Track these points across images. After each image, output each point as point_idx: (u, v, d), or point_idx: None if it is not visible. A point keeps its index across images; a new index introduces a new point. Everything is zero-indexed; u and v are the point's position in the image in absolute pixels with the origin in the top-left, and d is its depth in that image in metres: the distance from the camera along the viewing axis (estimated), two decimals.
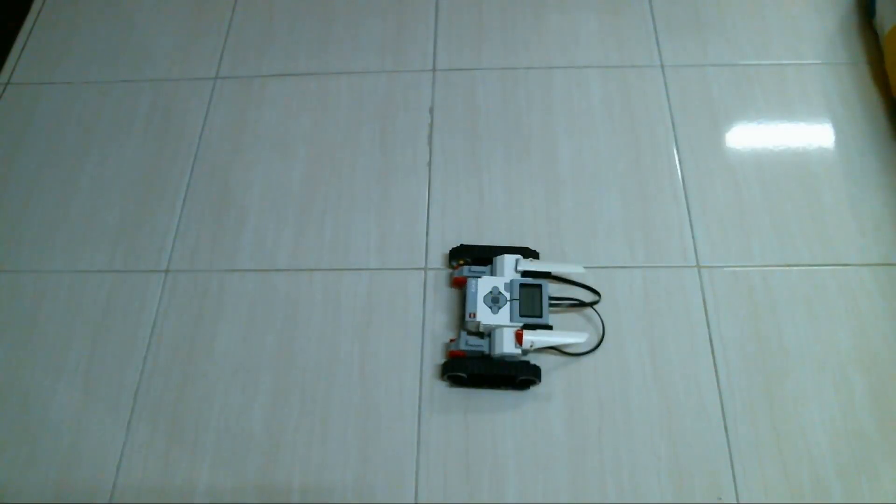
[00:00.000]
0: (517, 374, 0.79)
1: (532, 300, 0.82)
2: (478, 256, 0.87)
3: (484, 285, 0.83)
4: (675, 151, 0.97)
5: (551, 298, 0.84)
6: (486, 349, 0.81)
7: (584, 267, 0.86)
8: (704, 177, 0.95)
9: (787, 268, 0.88)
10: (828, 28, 1.07)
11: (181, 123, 1.04)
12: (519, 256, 0.85)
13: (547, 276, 0.86)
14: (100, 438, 0.82)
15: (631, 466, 0.77)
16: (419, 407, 0.82)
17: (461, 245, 0.88)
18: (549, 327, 0.81)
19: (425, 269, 0.90)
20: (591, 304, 0.86)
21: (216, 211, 0.96)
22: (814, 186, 0.93)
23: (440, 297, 0.88)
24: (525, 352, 0.80)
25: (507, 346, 0.79)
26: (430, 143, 1.00)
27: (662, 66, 1.05)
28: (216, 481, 0.79)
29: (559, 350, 0.83)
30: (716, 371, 0.82)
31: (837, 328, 0.84)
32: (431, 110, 1.03)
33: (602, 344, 0.84)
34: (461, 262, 0.88)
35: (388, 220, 0.94)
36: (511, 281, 0.83)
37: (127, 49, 1.13)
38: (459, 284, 0.87)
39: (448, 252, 0.89)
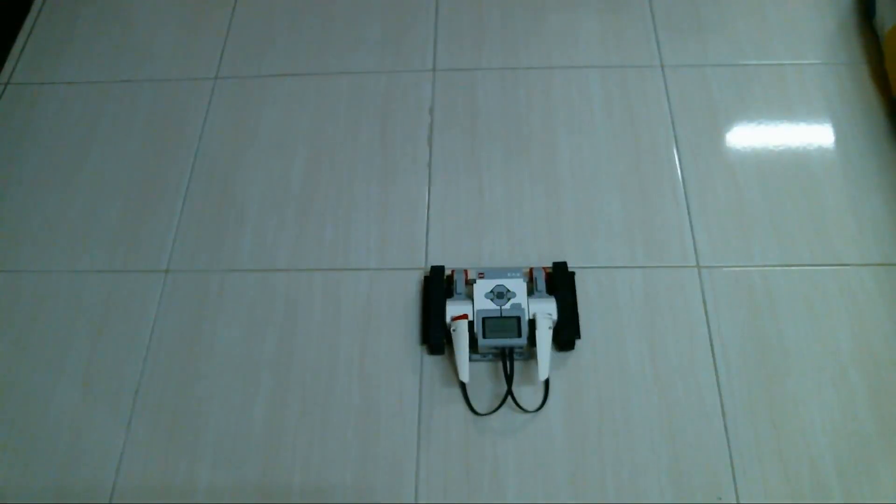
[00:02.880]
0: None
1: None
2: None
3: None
4: (675, 151, 0.97)
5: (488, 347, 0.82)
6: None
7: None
8: (704, 177, 0.95)
9: (787, 268, 0.88)
10: (828, 28, 1.07)
11: (181, 123, 1.04)
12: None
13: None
14: (100, 438, 0.82)
15: (631, 466, 0.77)
16: (419, 407, 0.82)
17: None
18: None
19: (425, 269, 0.90)
20: (509, 391, 0.80)
21: (216, 211, 0.96)
22: (814, 186, 0.93)
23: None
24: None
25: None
26: (430, 143, 1.00)
27: (662, 66, 1.05)
28: (216, 481, 0.79)
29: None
30: (716, 371, 0.82)
31: (837, 328, 0.84)
32: (431, 110, 1.03)
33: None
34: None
35: (388, 220, 0.94)
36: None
37: (127, 49, 1.13)
38: None
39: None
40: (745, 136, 0.98)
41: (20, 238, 0.96)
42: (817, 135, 0.98)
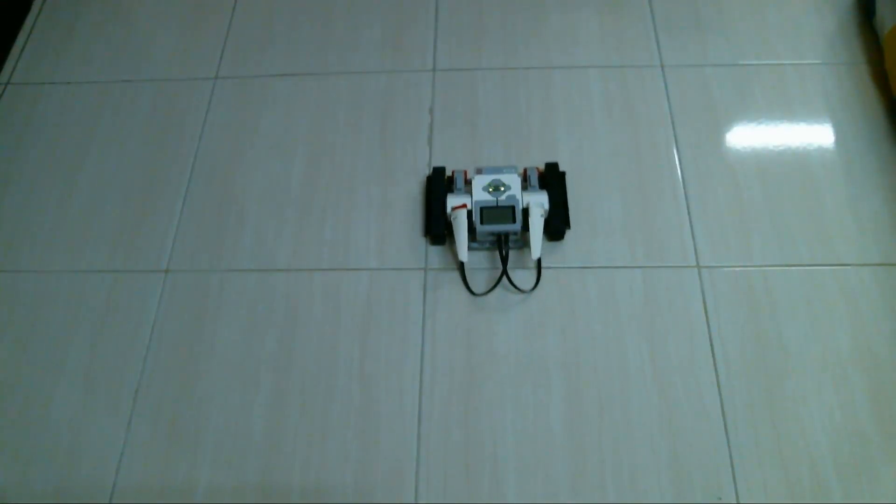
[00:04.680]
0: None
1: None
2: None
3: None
4: (675, 151, 0.97)
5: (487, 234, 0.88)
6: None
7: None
8: (704, 177, 0.95)
9: (787, 268, 0.88)
10: (828, 28, 1.07)
11: (181, 123, 1.04)
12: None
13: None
14: (100, 438, 0.82)
15: (631, 466, 0.77)
16: (419, 407, 0.82)
17: None
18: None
19: (425, 269, 0.90)
20: (505, 272, 0.87)
21: (216, 211, 0.96)
22: (814, 186, 0.93)
23: (440, 297, 0.88)
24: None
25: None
26: (430, 143, 1.00)
27: (662, 66, 1.05)
28: (216, 481, 0.79)
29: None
30: (716, 371, 0.82)
31: (837, 328, 0.84)
32: (431, 110, 1.03)
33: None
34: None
35: (388, 220, 0.94)
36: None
37: (127, 49, 1.13)
38: None
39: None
40: (745, 136, 0.98)
41: (20, 238, 0.96)
42: (817, 135, 0.98)
